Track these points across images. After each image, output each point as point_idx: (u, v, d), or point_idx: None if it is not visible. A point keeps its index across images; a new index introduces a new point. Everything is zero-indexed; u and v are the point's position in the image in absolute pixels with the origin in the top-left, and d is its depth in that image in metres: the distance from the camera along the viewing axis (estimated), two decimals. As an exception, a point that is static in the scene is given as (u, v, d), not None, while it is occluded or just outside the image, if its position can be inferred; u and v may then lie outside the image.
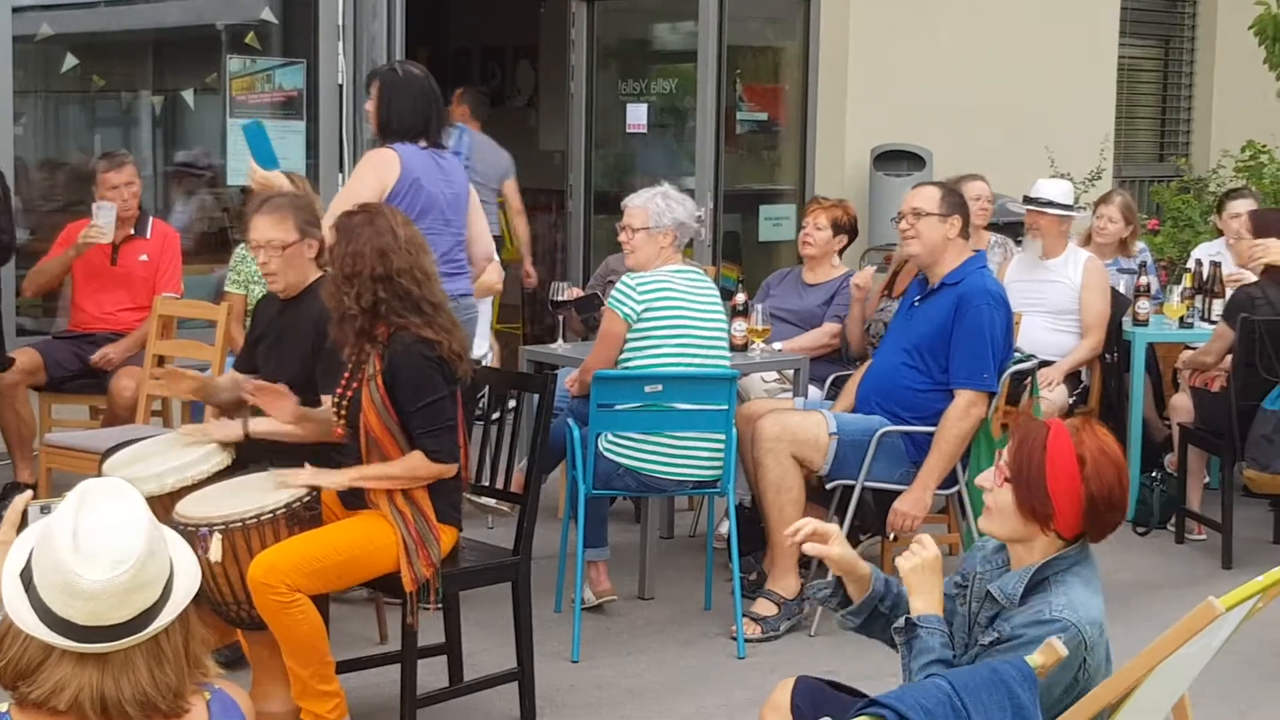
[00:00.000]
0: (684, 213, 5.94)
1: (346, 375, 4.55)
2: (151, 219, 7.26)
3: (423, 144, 5.60)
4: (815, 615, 5.71)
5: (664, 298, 5.73)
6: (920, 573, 3.25)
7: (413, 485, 4.45)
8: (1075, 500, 3.17)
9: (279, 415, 4.68)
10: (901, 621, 3.24)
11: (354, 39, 8.13)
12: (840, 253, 7.29)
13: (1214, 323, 7.15)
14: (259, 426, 4.76)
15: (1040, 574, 3.23)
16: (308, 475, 4.48)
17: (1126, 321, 7.49)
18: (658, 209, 5.89)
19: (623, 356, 5.74)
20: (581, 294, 7.00)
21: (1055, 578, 3.21)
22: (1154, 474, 7.34)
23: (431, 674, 4.85)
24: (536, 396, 4.93)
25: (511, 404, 5.59)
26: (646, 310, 5.70)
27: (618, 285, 5.83)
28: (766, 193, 9.73)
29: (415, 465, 4.43)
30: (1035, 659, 2.95)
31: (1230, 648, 3.36)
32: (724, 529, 6.13)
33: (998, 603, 3.22)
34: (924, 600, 3.23)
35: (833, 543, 3.37)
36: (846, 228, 7.20)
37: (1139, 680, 3.08)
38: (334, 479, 4.48)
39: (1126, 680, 3.09)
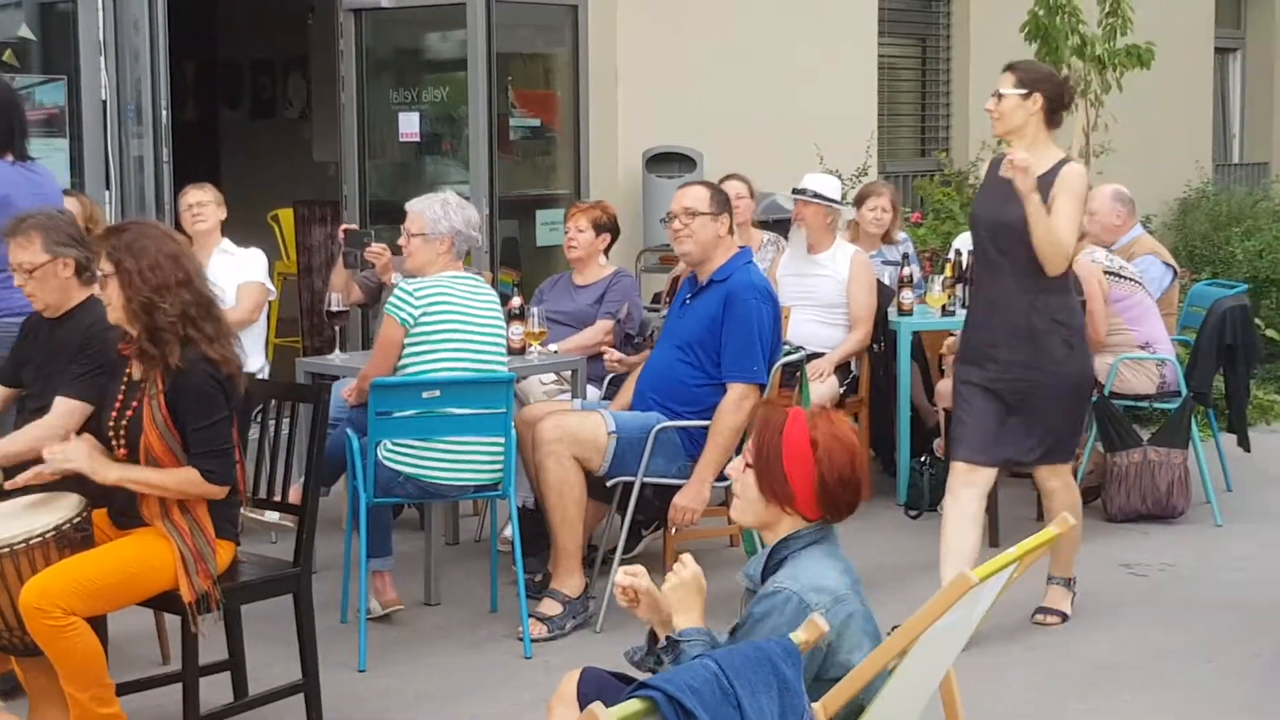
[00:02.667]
0: (461, 220, 5.95)
1: (122, 395, 4.49)
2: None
3: (9, 158, 5.51)
4: (600, 612, 5.79)
5: (441, 303, 5.75)
6: (680, 590, 3.33)
7: (179, 498, 4.41)
8: (810, 482, 3.34)
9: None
10: (664, 640, 3.31)
11: (116, 54, 7.98)
12: (606, 251, 7.39)
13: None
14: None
15: (778, 553, 3.40)
16: (80, 457, 4.36)
17: (891, 311, 7.71)
18: (435, 215, 5.91)
19: (401, 363, 5.75)
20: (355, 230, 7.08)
21: (792, 556, 3.37)
22: (924, 459, 7.56)
23: (216, 690, 4.81)
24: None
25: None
26: (424, 315, 5.72)
27: (394, 291, 5.84)
28: (542, 198, 9.78)
29: (186, 481, 4.39)
30: (799, 635, 3.06)
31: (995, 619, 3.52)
32: (508, 532, 6.18)
33: (754, 590, 3.35)
34: (686, 616, 3.32)
35: (640, 585, 3.40)
36: (608, 226, 7.33)
37: (902, 652, 3.21)
38: (105, 472, 4.38)
39: (889, 653, 3.21)
